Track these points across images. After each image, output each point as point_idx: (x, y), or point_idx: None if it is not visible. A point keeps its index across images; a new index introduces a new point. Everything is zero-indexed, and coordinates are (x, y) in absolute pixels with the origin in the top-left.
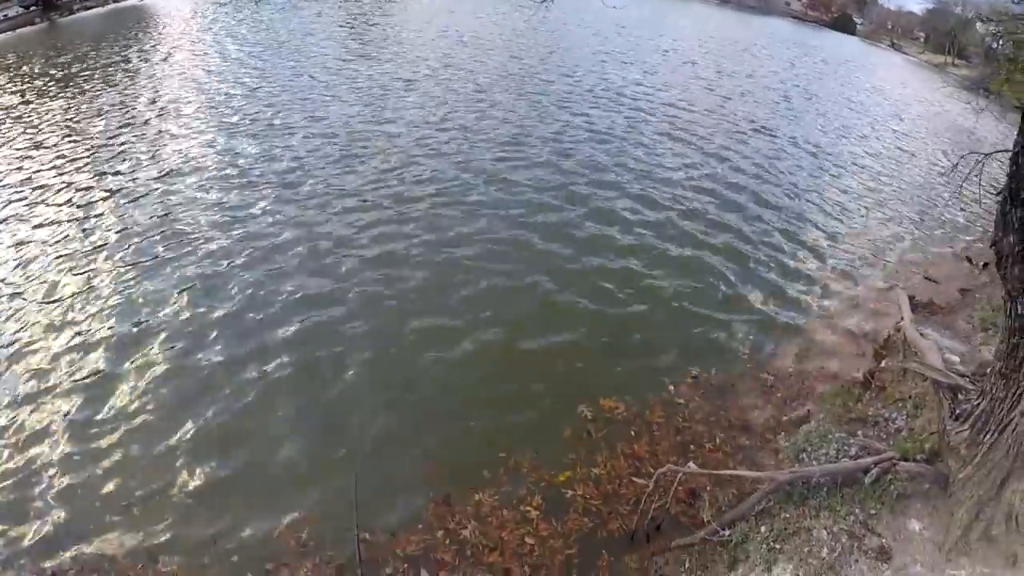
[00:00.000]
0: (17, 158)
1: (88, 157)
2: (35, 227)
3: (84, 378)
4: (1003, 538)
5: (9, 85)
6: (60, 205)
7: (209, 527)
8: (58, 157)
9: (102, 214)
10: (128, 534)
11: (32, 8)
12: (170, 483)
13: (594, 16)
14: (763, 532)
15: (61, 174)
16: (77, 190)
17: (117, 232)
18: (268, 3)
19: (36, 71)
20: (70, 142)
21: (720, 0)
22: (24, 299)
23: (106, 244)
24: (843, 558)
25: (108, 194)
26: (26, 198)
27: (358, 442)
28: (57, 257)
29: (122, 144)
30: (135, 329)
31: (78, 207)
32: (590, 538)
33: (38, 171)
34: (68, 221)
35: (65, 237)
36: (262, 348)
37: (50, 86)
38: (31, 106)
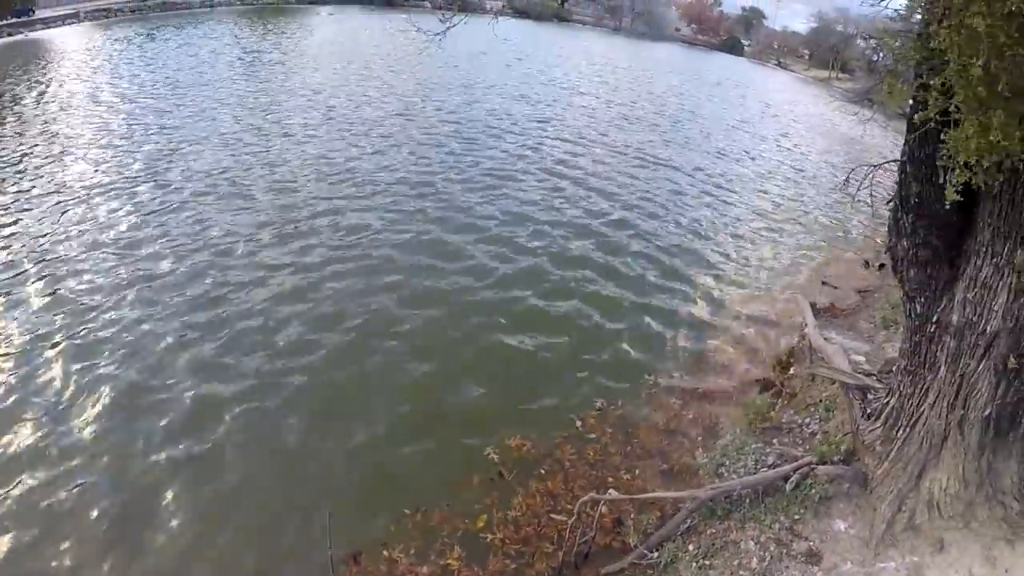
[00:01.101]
0: None
1: None
2: None
3: None
4: (927, 526)
5: None
6: None
7: None
8: None
9: None
10: None
11: None
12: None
13: (487, 46)
14: (691, 550)
15: None
16: None
17: None
18: (163, 39)
19: None
20: None
21: (612, 28)
22: None
23: None
24: (773, 566)
25: None
26: None
27: (257, 513)
28: None
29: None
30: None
31: None
32: (522, 573)
33: None
34: None
35: None
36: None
37: None
38: None
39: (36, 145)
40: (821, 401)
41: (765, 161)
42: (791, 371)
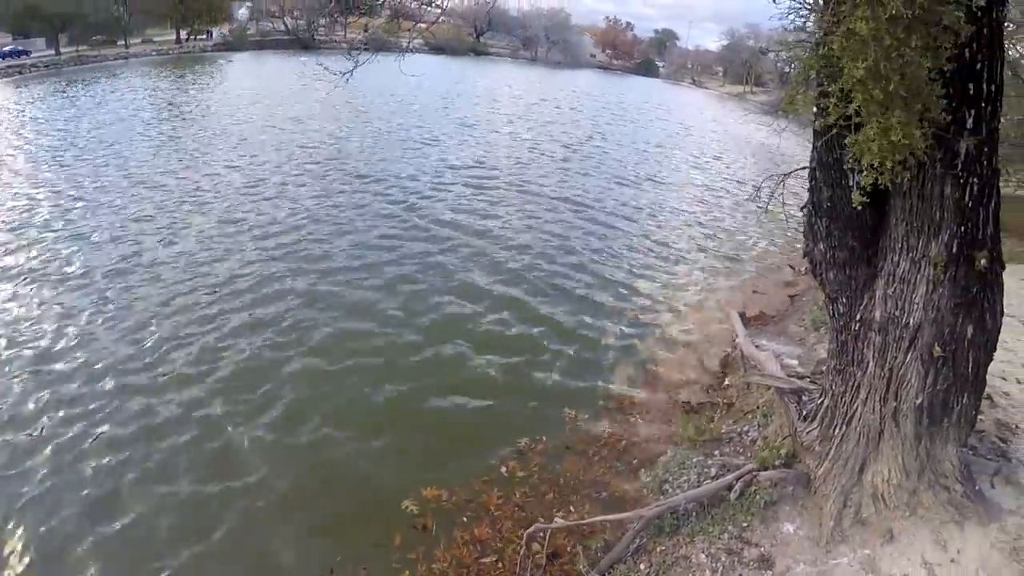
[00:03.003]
0: None
1: None
2: None
3: None
4: (875, 518)
5: None
6: None
7: None
8: None
9: None
10: None
11: None
12: None
13: (394, 82)
14: (643, 570)
15: None
16: None
17: None
18: (78, 94)
19: None
20: None
21: (529, 58)
22: None
23: None
24: (727, 575)
25: None
26: None
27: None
28: None
29: None
30: None
31: None
32: None
33: None
34: None
35: None
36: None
37: None
38: None
39: None
40: (758, 408)
41: (685, 180)
42: (726, 381)
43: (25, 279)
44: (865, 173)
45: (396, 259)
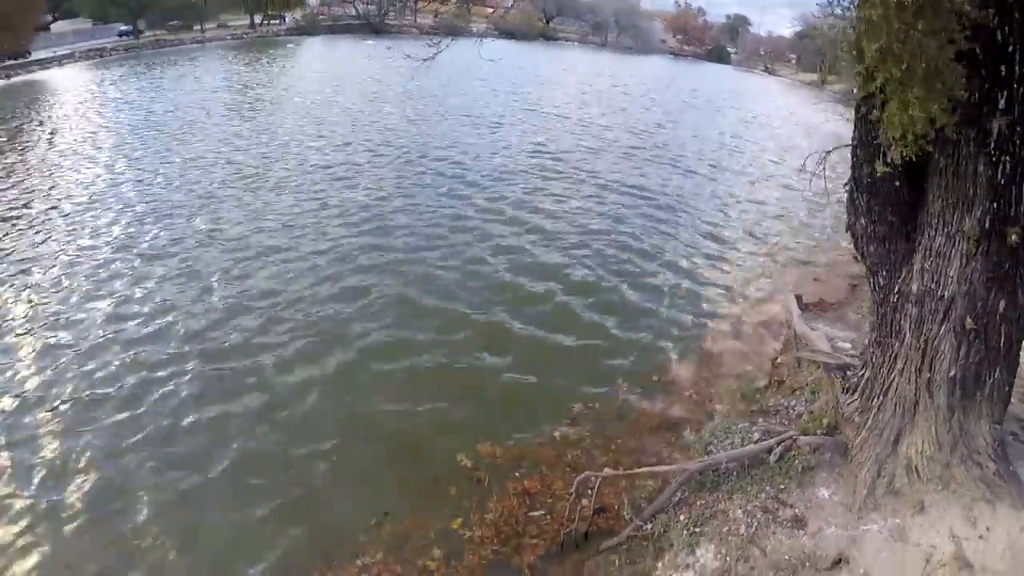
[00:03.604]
0: None
1: None
2: None
3: None
4: (907, 489)
5: None
6: None
7: None
8: None
9: None
10: None
11: None
12: None
13: (464, 66)
14: (682, 520)
15: None
16: None
17: None
18: (157, 76)
19: None
20: None
21: (599, 44)
22: None
23: None
24: (761, 531)
25: None
26: None
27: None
28: None
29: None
30: None
31: None
32: (506, 566)
33: None
34: None
35: None
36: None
37: None
38: None
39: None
40: (807, 385)
41: (753, 169)
42: (779, 360)
43: (113, 250)
44: (892, 148)
45: (468, 241)
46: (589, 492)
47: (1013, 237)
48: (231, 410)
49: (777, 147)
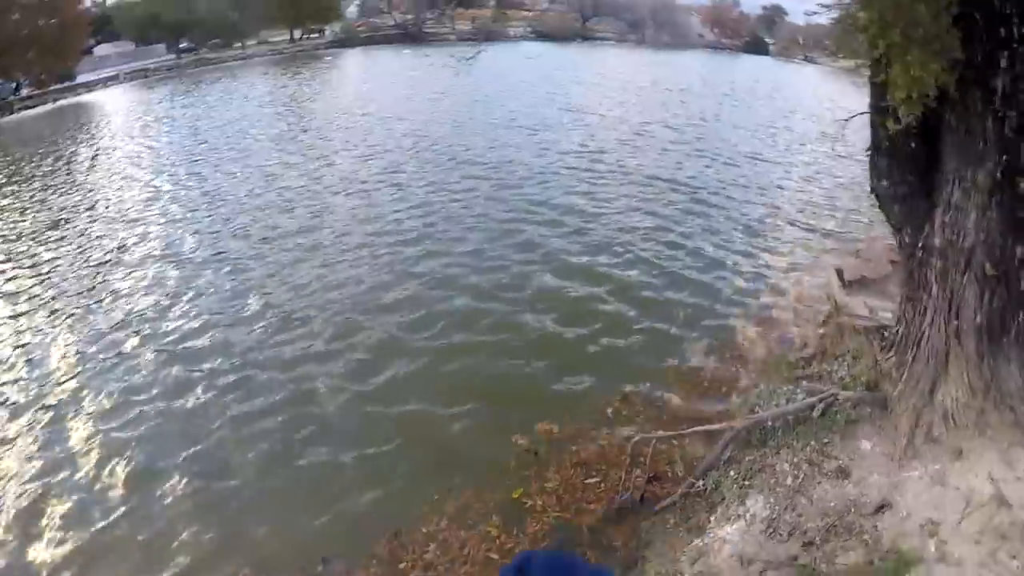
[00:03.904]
0: None
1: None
2: None
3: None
4: (945, 437)
5: None
6: None
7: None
8: None
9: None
10: None
11: None
12: None
13: (502, 70)
14: (732, 475)
15: None
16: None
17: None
18: (202, 93)
19: None
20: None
21: (636, 41)
22: None
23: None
24: (807, 482)
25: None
26: None
27: (295, 484)
28: None
29: (54, 246)
30: None
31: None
32: (567, 528)
33: None
34: None
35: None
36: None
37: None
38: None
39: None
40: (848, 352)
41: (793, 158)
42: (821, 331)
43: (155, 263)
44: (901, 108)
45: (519, 239)
46: (643, 457)
47: (1023, 186)
48: (316, 387)
49: (816, 134)
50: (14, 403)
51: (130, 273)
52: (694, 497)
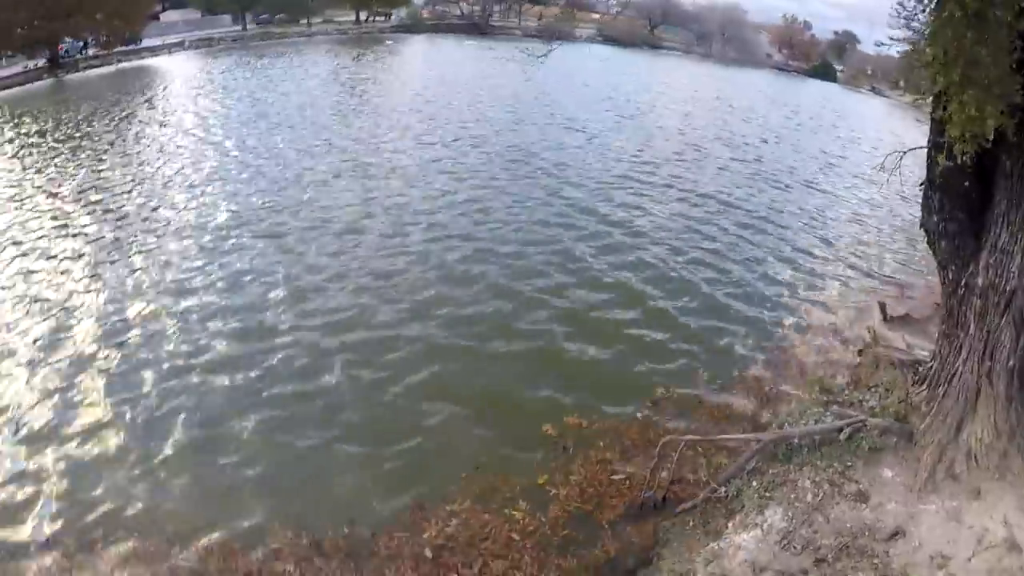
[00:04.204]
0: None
1: (83, 214)
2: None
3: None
4: (966, 476)
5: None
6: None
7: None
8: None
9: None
10: None
11: (40, 66)
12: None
13: (567, 71)
14: (754, 486)
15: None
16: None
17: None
18: (266, 66)
19: (36, 129)
20: (65, 202)
21: (702, 54)
22: None
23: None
24: (826, 501)
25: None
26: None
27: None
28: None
29: (119, 205)
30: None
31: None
32: (587, 520)
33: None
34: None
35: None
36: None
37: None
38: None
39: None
40: (882, 384)
41: (849, 192)
42: (859, 360)
43: (226, 230)
44: (957, 145)
45: (565, 241)
46: (670, 458)
47: None
48: (360, 375)
49: (873, 169)
50: None
51: (158, 246)
52: (715, 502)
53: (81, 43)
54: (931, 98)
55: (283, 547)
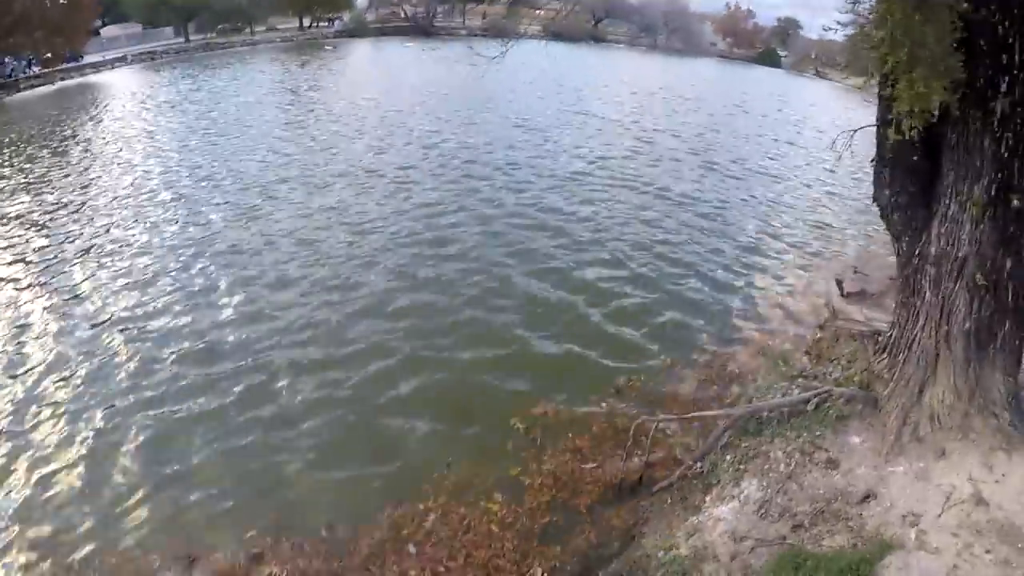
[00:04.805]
0: None
1: (30, 237)
2: None
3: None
4: (930, 437)
5: None
6: None
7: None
8: None
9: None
10: None
11: None
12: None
13: (511, 69)
14: (728, 459)
15: None
16: None
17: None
18: (209, 78)
19: None
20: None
21: (647, 46)
22: None
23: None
24: (798, 470)
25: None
26: None
27: (302, 455)
28: None
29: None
30: None
31: None
32: (565, 507)
33: None
34: None
35: None
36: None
37: None
38: None
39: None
40: (843, 355)
41: (798, 174)
42: (819, 335)
43: (175, 247)
44: (905, 121)
45: (521, 237)
46: (643, 441)
47: (1015, 203)
48: (327, 377)
49: (822, 151)
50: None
51: (109, 264)
52: (691, 479)
53: (25, 61)
54: (878, 78)
55: (264, 551)
